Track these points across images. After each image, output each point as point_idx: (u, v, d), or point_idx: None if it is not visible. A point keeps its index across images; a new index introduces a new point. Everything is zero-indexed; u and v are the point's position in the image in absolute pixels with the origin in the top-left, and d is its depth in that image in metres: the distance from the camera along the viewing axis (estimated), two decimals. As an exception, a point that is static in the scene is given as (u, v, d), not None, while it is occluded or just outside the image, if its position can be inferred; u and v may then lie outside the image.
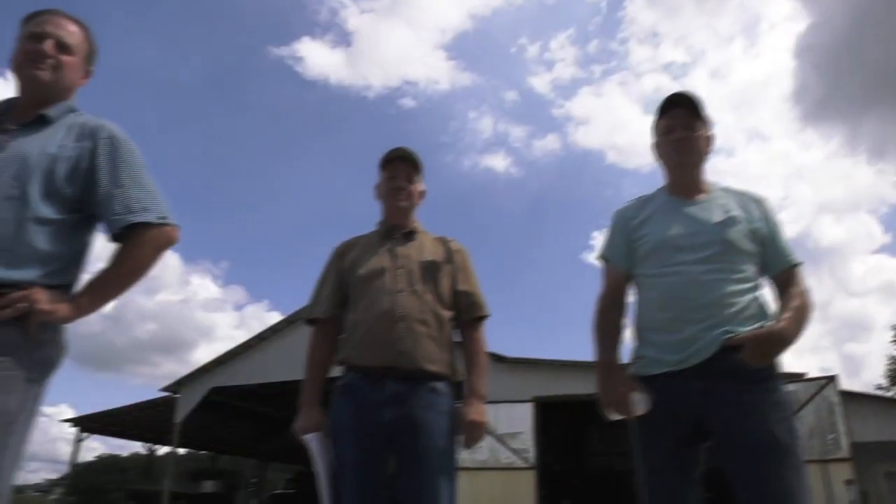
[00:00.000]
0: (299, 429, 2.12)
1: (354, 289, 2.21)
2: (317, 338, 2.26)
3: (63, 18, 1.73)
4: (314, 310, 2.28)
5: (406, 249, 2.26)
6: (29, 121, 1.65)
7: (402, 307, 2.10)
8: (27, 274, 1.51)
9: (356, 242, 2.35)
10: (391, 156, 2.35)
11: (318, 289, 2.32)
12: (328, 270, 2.33)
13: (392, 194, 2.32)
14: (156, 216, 1.65)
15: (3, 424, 1.44)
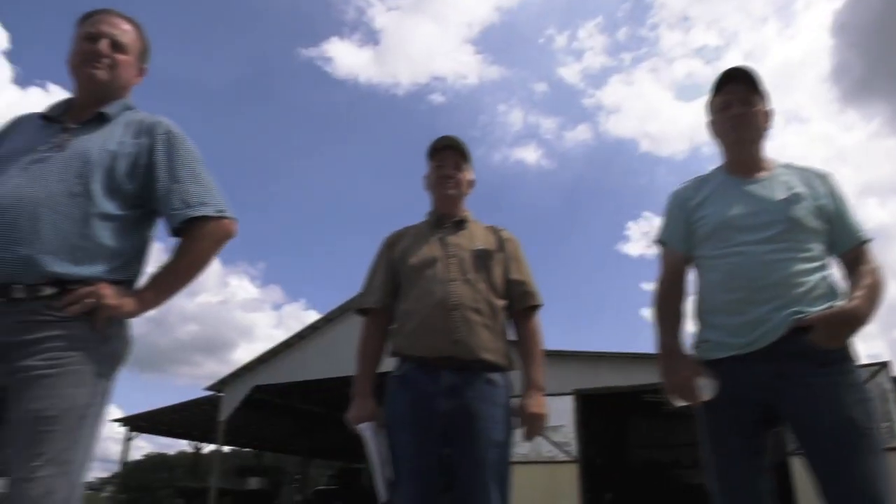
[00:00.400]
0: (352, 418, 2.11)
1: (406, 278, 2.20)
2: (369, 328, 2.26)
3: (117, 17, 1.75)
4: (366, 300, 2.27)
5: (457, 238, 2.24)
6: (88, 119, 1.67)
7: (456, 296, 2.08)
8: (93, 270, 1.53)
9: (406, 232, 2.34)
10: (438, 145, 2.34)
11: (369, 279, 2.32)
12: (379, 260, 2.32)
13: (440, 183, 2.31)
14: (214, 210, 1.66)
15: (74, 418, 1.46)
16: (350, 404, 2.14)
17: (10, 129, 1.73)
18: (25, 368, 1.43)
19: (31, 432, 1.40)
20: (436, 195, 2.35)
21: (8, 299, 1.46)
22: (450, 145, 2.32)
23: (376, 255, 2.34)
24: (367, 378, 2.20)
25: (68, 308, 1.48)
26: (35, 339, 1.45)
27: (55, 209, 1.50)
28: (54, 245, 1.48)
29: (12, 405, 1.44)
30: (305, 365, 17.69)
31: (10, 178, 1.54)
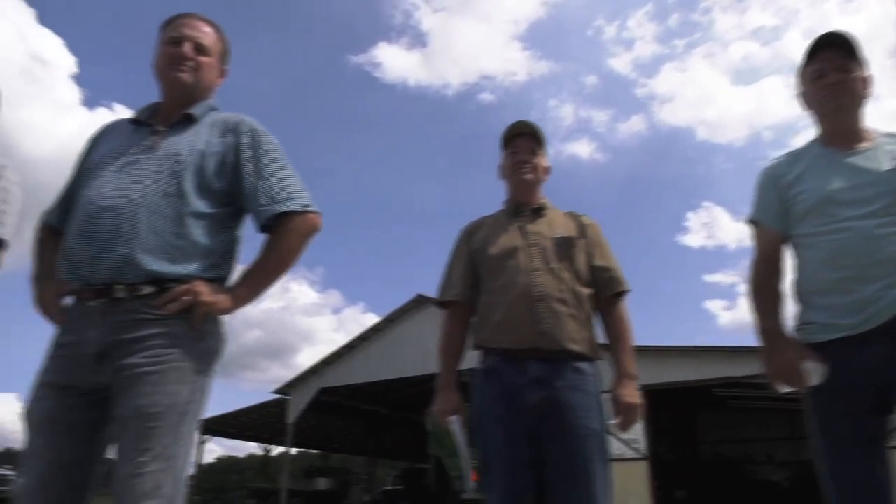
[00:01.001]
0: (438, 412, 2.09)
1: (486, 269, 2.16)
2: (450, 320, 2.23)
3: (198, 21, 1.78)
4: (446, 292, 2.25)
5: (537, 226, 2.19)
6: (176, 121, 1.70)
7: (541, 286, 2.03)
8: (189, 268, 1.56)
9: (483, 222, 2.30)
10: (512, 132, 2.29)
11: (448, 271, 2.29)
12: (457, 252, 2.29)
13: (516, 169, 2.26)
14: (300, 204, 1.67)
15: (177, 414, 1.48)
16: (434, 398, 2.12)
17: (102, 135, 1.78)
18: (129, 366, 1.46)
19: (137, 428, 1.43)
20: (512, 182, 2.30)
21: (110, 299, 1.50)
22: (523, 131, 2.28)
23: (454, 247, 2.31)
24: (451, 371, 2.18)
25: (167, 306, 1.51)
26: (137, 338, 1.48)
27: (151, 209, 1.53)
28: (152, 244, 1.51)
29: (118, 402, 1.47)
30: (369, 367, 17.92)
31: (106, 181, 1.58)
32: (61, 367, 1.52)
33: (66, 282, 1.58)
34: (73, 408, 1.51)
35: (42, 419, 1.50)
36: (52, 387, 1.52)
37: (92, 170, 1.65)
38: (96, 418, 1.53)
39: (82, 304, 1.53)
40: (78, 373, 1.50)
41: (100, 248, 1.50)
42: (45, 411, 1.50)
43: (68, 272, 1.57)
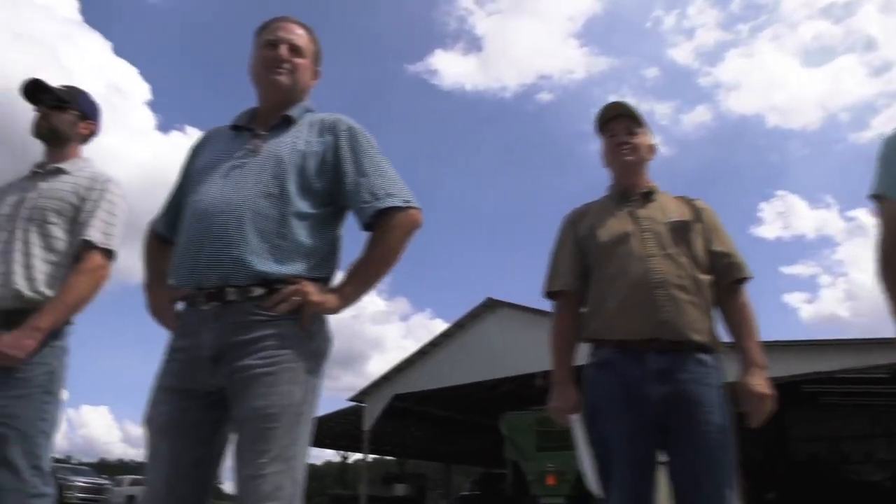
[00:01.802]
0: (556, 409, 2.02)
1: (596, 257, 2.07)
2: (560, 312, 2.15)
3: (292, 23, 1.78)
4: (554, 282, 2.16)
5: (648, 211, 2.09)
6: (275, 124, 1.71)
7: (658, 272, 1.93)
8: (295, 268, 1.55)
9: (588, 209, 2.21)
10: (605, 115, 2.21)
11: (555, 260, 2.20)
12: (563, 240, 2.20)
13: (615, 151, 2.16)
14: (401, 200, 1.64)
15: (292, 415, 1.48)
16: (550, 394, 2.04)
17: (203, 143, 1.81)
18: (244, 368, 1.47)
19: (256, 430, 1.43)
20: (614, 166, 2.20)
21: (222, 302, 1.51)
22: (618, 113, 2.18)
23: (559, 236, 2.23)
24: (566, 365, 2.09)
25: (277, 307, 1.50)
26: (251, 339, 1.49)
27: (257, 211, 1.54)
28: (259, 246, 1.52)
29: (234, 404, 1.48)
30: (441, 372, 17.96)
31: (213, 185, 1.60)
32: (179, 370, 1.54)
33: (178, 287, 1.61)
34: (192, 410, 1.52)
35: (163, 423, 1.52)
36: (171, 391, 1.54)
37: (197, 177, 1.68)
38: (214, 420, 1.54)
39: (195, 309, 1.54)
40: (195, 376, 1.52)
41: (210, 251, 1.52)
42: (165, 415, 1.53)
43: (181, 277, 1.59)
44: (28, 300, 1.99)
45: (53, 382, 2.00)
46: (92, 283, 2.08)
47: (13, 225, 2.09)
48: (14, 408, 1.89)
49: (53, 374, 2.00)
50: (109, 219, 2.17)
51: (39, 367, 1.96)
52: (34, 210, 2.11)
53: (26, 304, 1.98)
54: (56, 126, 2.26)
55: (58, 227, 2.11)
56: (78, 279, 2.05)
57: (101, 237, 2.13)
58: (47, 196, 2.14)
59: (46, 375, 1.98)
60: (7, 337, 1.90)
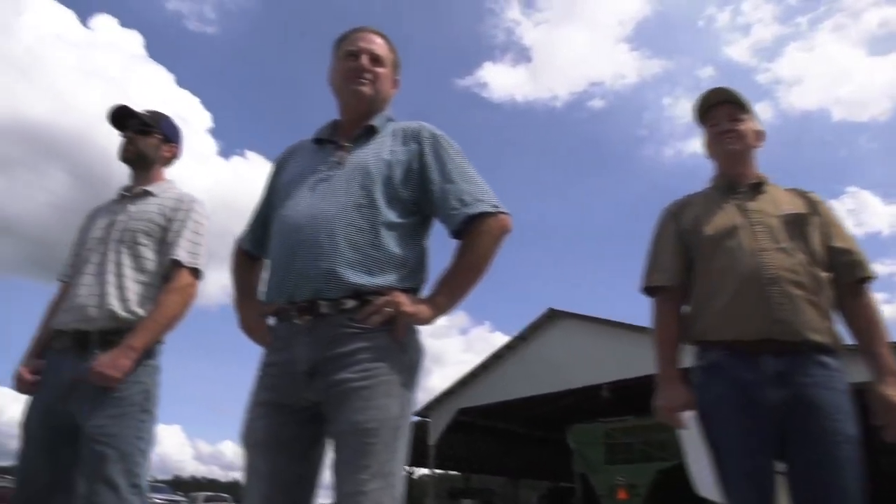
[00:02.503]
0: (664, 408, 1.90)
1: (701, 251, 1.95)
2: (662, 308, 2.04)
3: (371, 33, 1.78)
4: (655, 277, 2.05)
5: (758, 203, 1.96)
6: (358, 134, 1.70)
7: (771, 267, 1.81)
8: (386, 279, 1.53)
9: (691, 201, 2.10)
10: (705, 104, 2.10)
11: (655, 255, 2.09)
12: (663, 233, 2.09)
13: (719, 140, 2.05)
14: (489, 206, 1.61)
15: (391, 429, 1.44)
16: (656, 393, 1.94)
17: (287, 158, 1.81)
18: (340, 382, 1.44)
19: (356, 445, 1.40)
20: (718, 156, 2.09)
21: (315, 315, 1.49)
22: (719, 100, 2.06)
23: (659, 228, 2.12)
24: (672, 361, 1.97)
25: (370, 318, 1.48)
26: (346, 353, 1.46)
27: (347, 222, 1.53)
28: (351, 257, 1.50)
29: (332, 418, 1.45)
30: (505, 385, 17.79)
31: (301, 199, 1.60)
32: (274, 385, 1.53)
33: (269, 302, 1.61)
34: (289, 425, 1.51)
35: (261, 439, 1.51)
36: (267, 406, 1.53)
37: (284, 192, 1.68)
38: (311, 435, 1.52)
39: (288, 323, 1.53)
40: (291, 391, 1.50)
41: (302, 264, 1.51)
42: (262, 430, 1.51)
43: (273, 291, 1.59)
44: (122, 320, 2.03)
45: (149, 401, 2.03)
46: (182, 302, 2.11)
47: (105, 247, 2.15)
48: (113, 427, 1.92)
49: (148, 392, 2.04)
50: (195, 238, 2.21)
51: (135, 386, 1.99)
52: (124, 232, 2.16)
53: (120, 324, 2.02)
54: (142, 150, 2.32)
55: (147, 247, 2.16)
56: (168, 298, 2.08)
57: (189, 256, 2.16)
58: (136, 218, 2.20)
59: (142, 394, 2.01)
60: (104, 357, 1.94)
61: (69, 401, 1.96)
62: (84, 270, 2.13)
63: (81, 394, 1.94)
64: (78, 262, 2.21)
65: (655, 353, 1.98)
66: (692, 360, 1.92)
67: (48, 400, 2.00)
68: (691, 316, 1.95)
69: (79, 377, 1.95)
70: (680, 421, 1.86)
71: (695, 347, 1.92)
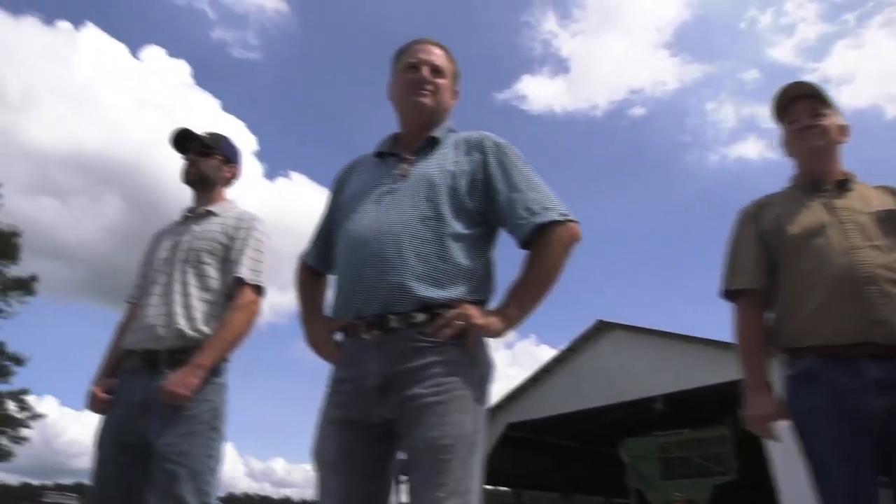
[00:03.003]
0: (753, 418, 1.82)
1: (786, 252, 1.87)
2: (745, 313, 1.94)
3: (430, 45, 1.77)
4: (736, 280, 1.96)
5: (846, 201, 1.87)
6: (420, 146, 1.69)
7: (866, 266, 1.71)
8: (455, 291, 1.50)
9: (771, 200, 2.01)
10: (784, 99, 2.01)
11: (734, 257, 2.01)
12: (743, 234, 2.01)
13: (800, 137, 1.96)
14: (558, 214, 1.57)
15: (465, 445, 1.41)
16: (744, 402, 1.85)
17: (348, 173, 1.81)
18: (413, 397, 1.42)
19: (431, 462, 1.37)
20: (799, 154, 2.00)
21: (384, 330, 1.47)
22: (799, 94, 1.98)
23: (737, 230, 2.03)
24: (759, 368, 1.88)
25: (440, 332, 1.45)
26: (417, 367, 1.44)
27: (413, 234, 1.51)
28: (419, 270, 1.48)
29: (406, 435, 1.43)
30: (555, 399, 17.55)
31: (366, 213, 1.59)
32: (344, 402, 1.52)
33: (336, 318, 1.60)
34: (361, 442, 1.49)
35: (334, 456, 1.50)
36: (339, 423, 1.51)
37: (348, 206, 1.67)
38: (383, 452, 1.50)
39: (357, 338, 1.51)
40: (362, 407, 1.48)
41: (370, 278, 1.49)
42: (335, 448, 1.50)
43: (341, 306, 1.58)
44: (189, 339, 2.05)
45: (217, 419, 2.05)
46: (246, 319, 2.13)
47: (171, 268, 2.18)
48: (183, 445, 1.94)
49: (217, 410, 2.05)
50: (257, 256, 2.23)
51: (204, 405, 2.01)
52: (189, 252, 2.20)
53: (188, 343, 2.05)
54: (204, 171, 2.36)
55: (211, 266, 2.19)
56: (233, 316, 2.10)
57: (251, 274, 2.18)
58: (200, 238, 2.23)
59: (211, 412, 2.02)
60: (174, 376, 1.97)
61: (140, 419, 1.99)
62: (151, 291, 2.17)
63: (152, 412, 1.97)
64: (145, 282, 2.25)
65: (741, 361, 1.89)
66: (781, 369, 1.83)
67: (120, 419, 2.03)
68: (778, 320, 1.86)
69: (149, 396, 1.97)
70: (771, 431, 1.76)
71: (783, 354, 1.83)
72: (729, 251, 2.00)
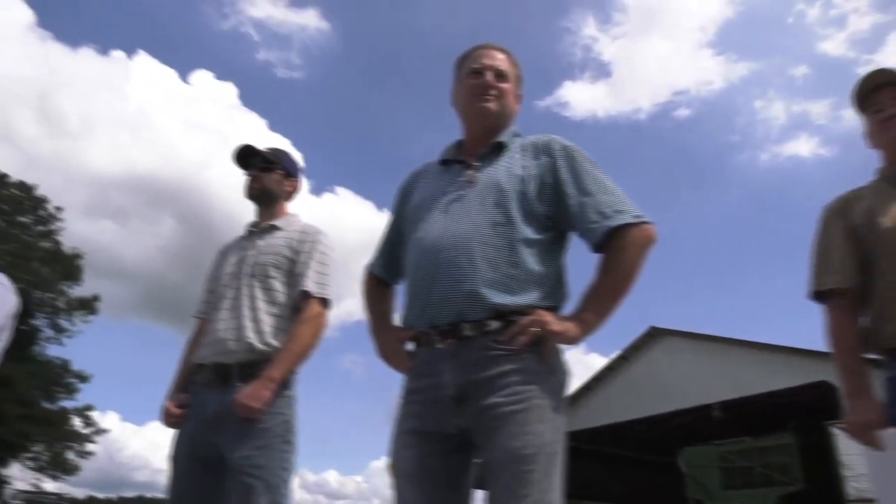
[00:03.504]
0: (856, 425, 1.72)
1: (881, 248, 1.78)
2: (838, 314, 1.85)
3: (493, 50, 1.75)
4: (826, 279, 1.87)
5: None
6: (486, 151, 1.66)
7: None
8: (528, 298, 1.47)
9: (858, 195, 1.92)
10: (865, 88, 1.92)
11: (822, 256, 1.91)
12: (830, 231, 1.91)
13: (886, 127, 1.87)
14: (631, 216, 1.52)
15: (547, 455, 1.38)
16: (846, 409, 1.76)
17: (413, 181, 1.80)
18: (492, 406, 1.39)
19: (513, 473, 1.34)
20: (885, 144, 1.91)
21: (458, 339, 1.45)
22: (883, 81, 1.89)
23: (823, 227, 1.93)
24: (859, 372, 1.79)
25: (516, 339, 1.42)
26: (493, 376, 1.41)
27: (484, 241, 1.48)
28: (491, 277, 1.45)
29: (485, 445, 1.40)
30: (610, 407, 17.27)
31: (434, 221, 1.57)
32: (420, 413, 1.50)
33: (409, 327, 1.58)
34: (438, 454, 1.47)
35: (411, 468, 1.48)
36: (415, 434, 1.50)
37: (414, 215, 1.66)
38: (460, 463, 1.48)
39: (430, 348, 1.50)
40: (438, 417, 1.46)
41: (443, 287, 1.47)
42: (412, 459, 1.48)
43: (412, 316, 1.56)
44: (259, 352, 2.07)
45: (289, 431, 2.06)
46: (314, 332, 2.13)
47: (238, 282, 2.21)
48: (259, 458, 1.95)
49: (289, 423, 2.06)
50: (322, 269, 2.24)
51: (276, 417, 2.02)
52: (255, 266, 2.22)
53: (258, 357, 2.06)
54: (266, 186, 2.39)
55: (277, 280, 2.20)
56: (301, 329, 2.11)
57: (317, 287, 2.19)
58: (265, 252, 2.25)
59: (283, 425, 2.04)
60: (247, 389, 1.98)
61: (214, 433, 2.01)
62: (220, 306, 2.19)
63: (226, 426, 1.99)
64: (213, 297, 2.29)
65: (837, 365, 1.79)
66: (880, 372, 1.73)
67: (193, 433, 2.06)
68: (874, 320, 1.76)
69: (223, 409, 1.99)
70: (874, 439, 1.66)
71: (885, 356, 1.73)
72: (816, 250, 1.91)
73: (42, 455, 24.31)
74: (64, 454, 24.85)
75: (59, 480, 25.43)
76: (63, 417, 24.73)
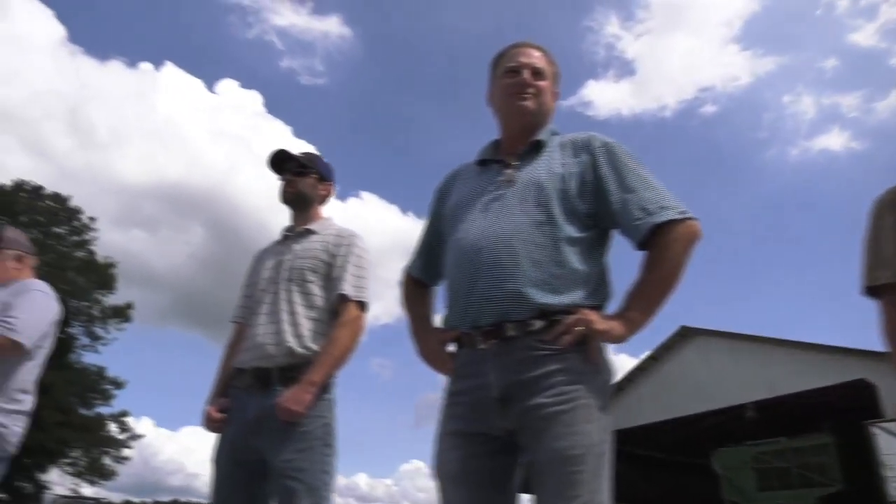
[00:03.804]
0: None
1: None
2: (891, 310, 1.77)
3: (529, 48, 1.74)
4: (879, 274, 1.80)
5: None
6: (524, 150, 1.65)
7: None
8: (573, 297, 1.45)
9: None
10: None
11: (875, 250, 1.83)
12: (882, 225, 1.83)
13: None
14: (676, 212, 1.49)
15: (595, 456, 1.36)
16: None
17: (450, 183, 1.79)
18: (537, 407, 1.38)
19: (561, 474, 1.32)
20: None
21: (501, 339, 1.44)
22: None
23: (875, 221, 1.86)
24: None
25: (561, 339, 1.40)
26: (539, 376, 1.40)
27: (526, 240, 1.47)
28: (535, 276, 1.44)
29: (532, 446, 1.38)
30: (641, 408, 17.06)
31: (474, 221, 1.56)
32: (464, 414, 1.49)
33: (451, 328, 1.57)
34: (483, 455, 1.46)
35: (456, 471, 1.47)
36: (459, 435, 1.49)
37: (453, 216, 1.65)
38: (506, 465, 1.47)
39: (473, 349, 1.48)
40: (483, 419, 1.45)
41: (485, 287, 1.46)
42: (457, 461, 1.47)
43: (454, 317, 1.55)
44: (299, 356, 2.08)
45: (330, 435, 2.06)
46: (352, 335, 2.14)
47: (276, 287, 2.22)
48: (301, 461, 1.95)
49: (329, 426, 2.07)
50: (359, 272, 2.24)
51: (317, 421, 2.02)
52: (293, 270, 2.23)
53: (298, 360, 2.07)
54: (301, 190, 2.40)
55: (314, 284, 2.21)
56: (340, 332, 2.11)
57: (354, 290, 2.19)
58: (302, 256, 2.26)
59: (323, 428, 2.04)
60: (288, 393, 1.99)
61: (255, 436, 2.02)
62: (259, 310, 2.21)
63: (267, 429, 2.00)
64: (250, 302, 2.30)
65: None
66: None
67: (234, 437, 2.07)
68: None
69: (263, 413, 2.01)
70: None
71: None
72: (867, 245, 1.85)
73: (80, 461, 24.80)
74: (101, 460, 25.33)
75: (96, 485, 25.93)
76: (99, 423, 25.23)
